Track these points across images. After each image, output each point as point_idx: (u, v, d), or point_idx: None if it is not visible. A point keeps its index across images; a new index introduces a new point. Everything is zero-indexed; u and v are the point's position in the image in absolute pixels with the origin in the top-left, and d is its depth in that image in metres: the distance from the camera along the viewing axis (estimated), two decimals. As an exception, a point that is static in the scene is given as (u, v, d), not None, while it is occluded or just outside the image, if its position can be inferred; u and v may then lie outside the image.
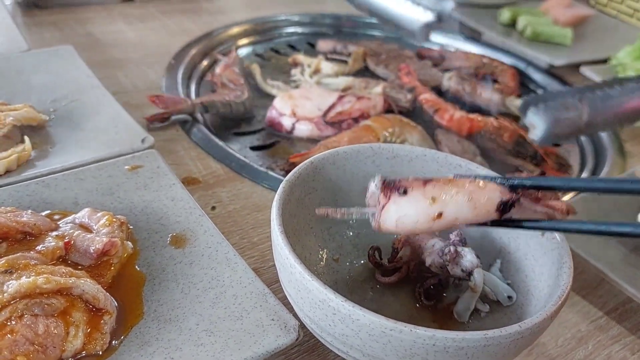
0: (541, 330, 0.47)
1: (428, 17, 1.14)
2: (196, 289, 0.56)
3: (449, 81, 1.12)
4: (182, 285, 0.57)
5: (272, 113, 0.97)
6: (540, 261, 0.56)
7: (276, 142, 0.95)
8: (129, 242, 0.59)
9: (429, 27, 1.12)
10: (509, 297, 0.58)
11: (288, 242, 0.49)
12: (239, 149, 0.91)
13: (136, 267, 0.58)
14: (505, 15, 1.41)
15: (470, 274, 0.60)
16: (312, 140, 0.94)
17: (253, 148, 0.93)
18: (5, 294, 0.48)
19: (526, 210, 0.47)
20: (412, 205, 0.46)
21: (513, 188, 0.47)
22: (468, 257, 0.60)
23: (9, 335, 0.46)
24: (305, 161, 0.61)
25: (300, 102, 0.96)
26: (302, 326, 0.53)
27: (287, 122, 0.95)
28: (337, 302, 0.45)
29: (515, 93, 1.13)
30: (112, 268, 0.56)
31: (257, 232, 0.71)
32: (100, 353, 0.50)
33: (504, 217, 0.47)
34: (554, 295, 0.49)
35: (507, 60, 1.28)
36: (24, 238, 0.55)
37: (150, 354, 0.50)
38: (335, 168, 0.63)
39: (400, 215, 0.46)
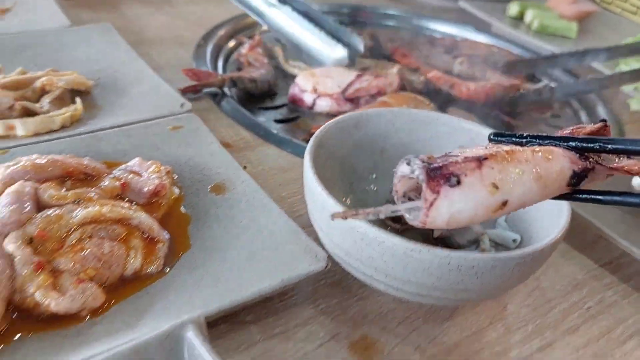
0: (542, 257, 0.54)
1: (340, 53, 1.12)
2: (236, 228, 0.63)
3: (460, 65, 1.19)
4: (224, 224, 0.64)
5: (294, 90, 1.04)
6: (542, 211, 0.63)
7: (298, 117, 1.02)
8: (175, 187, 0.67)
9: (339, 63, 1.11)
10: (514, 240, 0.65)
11: (320, 181, 0.56)
12: (263, 121, 0.98)
13: (182, 209, 0.66)
14: (513, 8, 1.49)
15: (476, 241, 0.67)
16: (332, 116, 0.99)
17: (277, 121, 1.00)
18: (75, 219, 0.55)
19: (597, 176, 0.41)
20: (469, 198, 0.37)
21: (581, 153, 0.41)
22: (474, 229, 0.67)
23: (80, 253, 0.54)
24: (331, 121, 0.68)
25: (321, 80, 1.03)
26: (329, 258, 0.60)
27: (308, 98, 1.02)
28: (365, 227, 0.52)
29: (522, 81, 1.20)
30: (162, 207, 0.64)
31: (284, 189, 0.78)
32: (154, 273, 0.57)
33: (575, 189, 0.41)
34: (553, 232, 0.56)
35: (515, 50, 1.36)
36: (85, 178, 0.63)
37: (198, 277, 0.57)
38: (357, 129, 0.71)
39: (454, 211, 0.37)
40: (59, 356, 0.47)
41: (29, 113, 0.74)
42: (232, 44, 1.19)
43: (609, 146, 0.40)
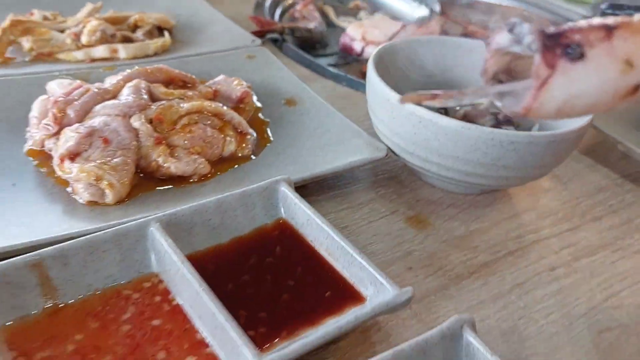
0: (572, 139, 0.64)
1: (422, 12, 1.25)
2: (307, 129, 0.75)
3: (494, 24, 1.29)
4: (297, 127, 0.76)
5: (345, 38, 1.15)
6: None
7: (348, 63, 1.14)
8: (255, 99, 0.79)
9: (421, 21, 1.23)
10: (546, 141, 0.75)
11: (382, 78, 0.68)
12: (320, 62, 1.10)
13: (260, 115, 0.78)
14: (545, -24, 1.57)
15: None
16: (379, 61, 1.12)
17: (330, 65, 1.12)
18: (183, 108, 0.67)
19: None
20: (593, 76, 0.29)
21: None
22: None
23: (189, 134, 0.66)
24: (388, 42, 0.79)
25: (370, 30, 1.14)
26: (388, 150, 0.71)
27: (357, 46, 1.14)
28: (422, 111, 0.63)
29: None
30: (246, 112, 0.76)
31: (344, 112, 0.89)
32: (246, 156, 0.69)
33: None
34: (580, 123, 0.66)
35: (546, 15, 1.45)
36: (184, 85, 0.75)
37: (280, 159, 0.69)
38: (410, 52, 0.81)
39: (572, 94, 0.29)
40: (176, 204, 0.59)
41: (127, 41, 0.87)
42: (288, 1, 1.31)
43: None
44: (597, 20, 0.30)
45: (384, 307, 0.47)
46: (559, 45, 0.29)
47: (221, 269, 0.52)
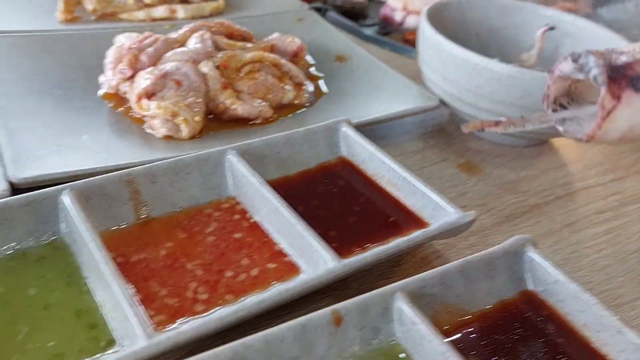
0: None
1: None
2: (359, 83, 0.79)
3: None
4: (349, 81, 0.79)
5: (385, 9, 1.18)
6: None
7: (388, 33, 1.17)
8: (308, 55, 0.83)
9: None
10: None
11: (437, 30, 0.71)
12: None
13: (312, 71, 0.81)
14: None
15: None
16: (419, 31, 1.15)
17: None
18: (246, 57, 0.71)
19: None
20: None
21: None
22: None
23: (252, 80, 0.70)
24: (438, 1, 0.82)
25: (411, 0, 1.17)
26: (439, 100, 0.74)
27: (398, 16, 1.17)
28: (477, 58, 0.66)
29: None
30: (301, 65, 0.79)
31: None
32: (304, 104, 0.72)
33: None
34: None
35: None
36: (242, 39, 0.79)
37: (336, 107, 0.72)
38: (458, 11, 0.84)
39: (636, 121, 0.31)
40: (242, 140, 0.63)
41: (184, 3, 0.91)
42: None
43: None
44: None
45: (448, 226, 0.51)
46: (624, 77, 0.30)
47: (291, 196, 0.55)
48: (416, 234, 0.49)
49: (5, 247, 0.46)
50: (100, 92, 0.69)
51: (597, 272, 0.58)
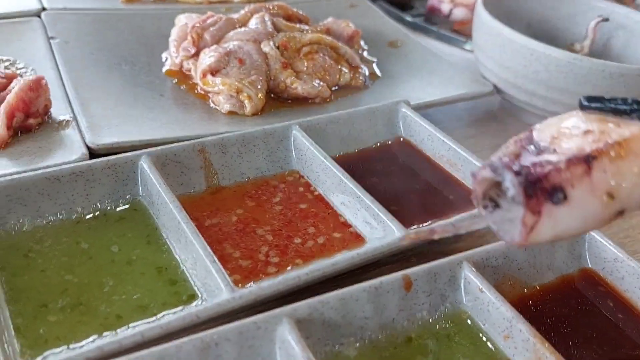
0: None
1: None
2: (413, 68, 0.80)
3: None
4: (402, 66, 0.80)
5: (432, 1, 1.19)
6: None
7: (434, 24, 1.17)
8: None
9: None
10: None
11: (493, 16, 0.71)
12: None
13: (366, 55, 0.83)
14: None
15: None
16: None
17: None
18: (305, 38, 0.73)
19: None
20: (578, 214, 0.30)
21: None
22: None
23: (311, 61, 0.71)
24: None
25: (458, -9, 1.17)
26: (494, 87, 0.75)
27: (445, 8, 1.17)
28: (535, 44, 0.66)
29: None
30: (356, 49, 0.80)
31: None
32: (359, 86, 0.74)
33: None
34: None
35: None
36: (300, 22, 0.80)
37: (391, 90, 0.73)
38: (508, 3, 0.84)
39: (560, 231, 0.30)
40: (302, 118, 0.64)
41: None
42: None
43: None
44: (574, 150, 0.30)
45: (510, 204, 0.51)
46: (542, 191, 0.29)
47: (351, 172, 0.57)
48: (477, 211, 0.50)
49: (87, 208, 0.48)
50: (164, 69, 0.71)
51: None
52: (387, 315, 0.41)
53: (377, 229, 0.49)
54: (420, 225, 0.51)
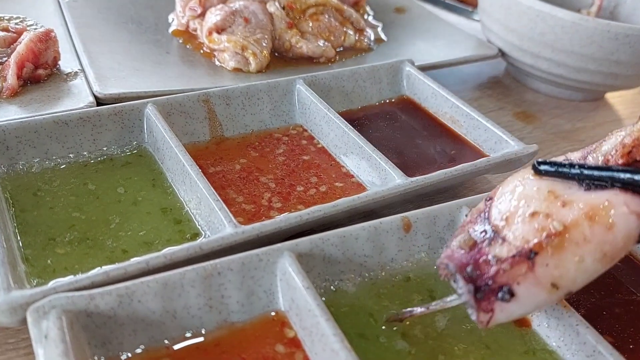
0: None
1: None
2: (418, 32, 0.80)
3: None
4: (408, 30, 0.80)
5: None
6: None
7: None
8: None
9: None
10: None
11: (501, -20, 0.71)
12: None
13: (371, 19, 0.83)
14: None
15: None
16: None
17: None
18: (310, 0, 0.73)
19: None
20: (527, 304, 0.32)
21: None
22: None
23: (316, 22, 0.72)
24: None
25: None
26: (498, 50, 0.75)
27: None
28: (541, 4, 0.66)
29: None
30: (362, 13, 0.81)
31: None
32: (364, 48, 0.74)
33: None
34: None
35: None
36: (305, -13, 0.80)
37: (396, 54, 0.74)
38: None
39: (514, 317, 0.33)
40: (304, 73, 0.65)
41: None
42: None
43: None
44: (519, 243, 0.33)
45: (510, 156, 0.52)
46: (492, 292, 0.32)
47: (355, 127, 0.57)
48: (480, 161, 0.51)
49: (94, 152, 0.49)
50: (171, 29, 0.72)
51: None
52: (386, 255, 0.42)
53: (379, 178, 0.49)
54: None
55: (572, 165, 0.35)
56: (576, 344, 0.37)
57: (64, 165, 0.48)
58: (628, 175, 0.32)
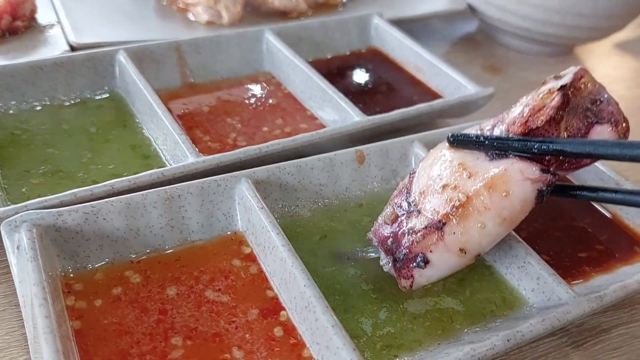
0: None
1: None
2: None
3: None
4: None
5: None
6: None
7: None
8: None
9: None
10: None
11: None
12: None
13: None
14: None
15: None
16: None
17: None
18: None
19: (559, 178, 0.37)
20: (442, 267, 0.36)
21: (540, 160, 0.36)
22: None
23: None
24: None
25: None
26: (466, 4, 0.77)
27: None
28: (506, -42, 0.68)
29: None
30: (336, -29, 0.82)
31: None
32: (337, 5, 0.76)
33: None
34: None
35: None
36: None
37: (368, 9, 0.75)
38: None
39: (433, 279, 0.37)
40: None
41: None
42: None
43: (568, 149, 0.34)
44: (430, 214, 0.37)
45: (467, 98, 0.55)
46: (409, 261, 0.37)
47: (324, 74, 0.59)
48: (436, 102, 0.54)
49: (67, 96, 0.52)
50: (147, -14, 0.73)
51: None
52: (340, 185, 0.45)
53: (340, 118, 0.52)
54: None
55: (477, 137, 0.38)
56: (509, 257, 0.40)
57: (39, 108, 0.50)
58: (521, 144, 0.35)
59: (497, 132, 0.38)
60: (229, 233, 0.40)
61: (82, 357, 0.32)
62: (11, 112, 0.49)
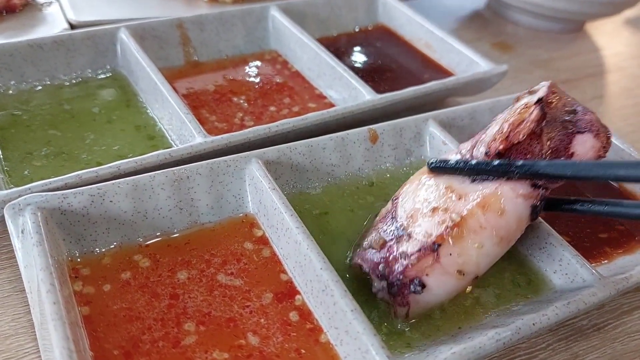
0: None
1: None
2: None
3: None
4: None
5: None
6: None
7: None
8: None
9: None
10: None
11: None
12: None
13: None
14: None
15: None
16: None
17: None
18: None
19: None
20: (439, 292, 0.35)
21: (532, 179, 0.35)
22: None
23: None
24: None
25: None
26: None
27: None
28: None
29: None
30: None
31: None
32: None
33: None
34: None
35: None
36: None
37: None
38: None
39: (430, 306, 0.35)
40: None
41: None
42: None
43: (549, 171, 0.34)
44: (422, 237, 0.35)
45: (480, 75, 0.53)
46: (404, 286, 0.34)
47: (331, 51, 0.58)
48: (449, 79, 0.52)
49: (69, 75, 0.50)
50: (147, -38, 0.71)
51: (622, 138, 0.60)
52: (353, 165, 0.43)
53: (350, 97, 0.50)
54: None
55: (457, 162, 0.37)
56: (530, 238, 0.39)
57: (39, 87, 0.49)
58: (503, 167, 0.35)
59: (476, 153, 0.37)
60: (239, 215, 0.39)
61: (91, 343, 0.31)
62: (10, 92, 0.48)
